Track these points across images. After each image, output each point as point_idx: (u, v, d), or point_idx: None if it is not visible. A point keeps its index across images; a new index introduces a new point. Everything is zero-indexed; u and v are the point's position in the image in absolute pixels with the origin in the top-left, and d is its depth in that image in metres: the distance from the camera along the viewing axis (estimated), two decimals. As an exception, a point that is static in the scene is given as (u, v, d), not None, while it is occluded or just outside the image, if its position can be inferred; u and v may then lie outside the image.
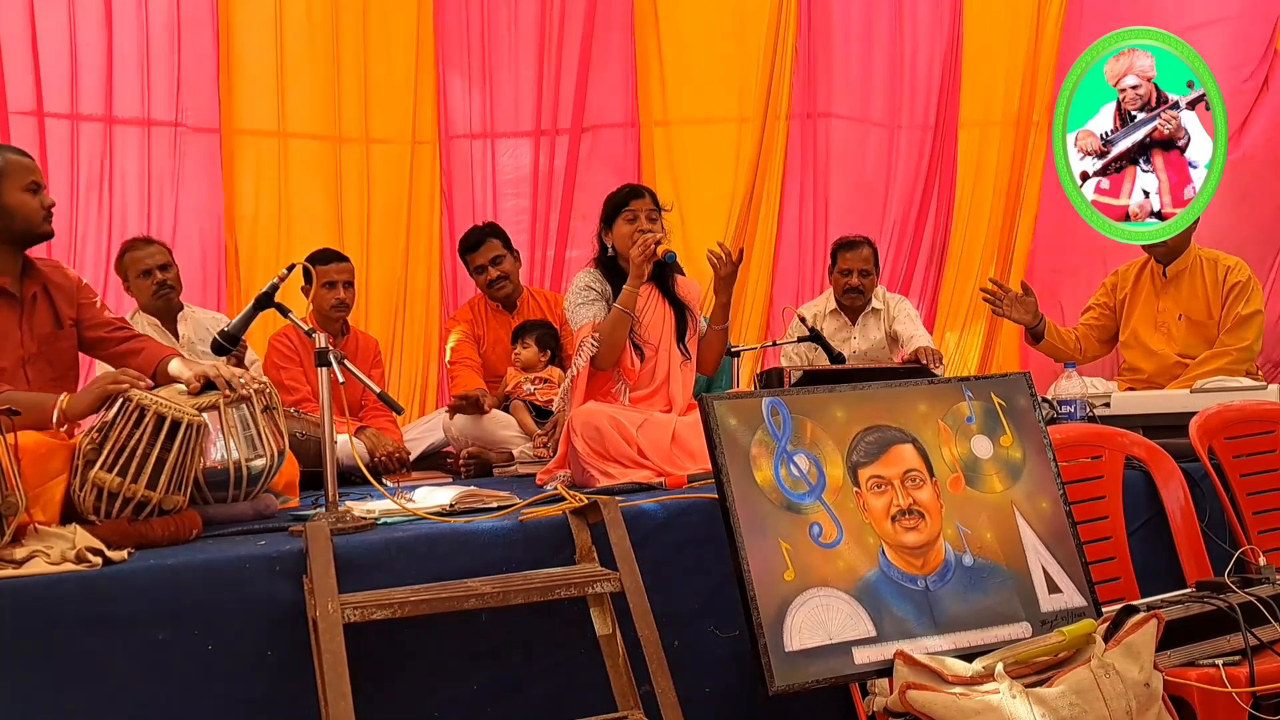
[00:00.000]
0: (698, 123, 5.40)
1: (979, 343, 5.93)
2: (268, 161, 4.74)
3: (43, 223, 2.82)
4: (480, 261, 4.40)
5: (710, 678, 2.49)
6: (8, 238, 2.79)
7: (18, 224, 2.78)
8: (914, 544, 2.04)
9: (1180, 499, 2.93)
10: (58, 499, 2.42)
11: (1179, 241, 4.23)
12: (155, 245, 4.10)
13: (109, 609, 2.04)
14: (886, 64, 5.70)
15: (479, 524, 2.45)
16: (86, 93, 4.40)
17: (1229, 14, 5.36)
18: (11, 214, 2.77)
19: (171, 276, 4.06)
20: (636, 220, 3.35)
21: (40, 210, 2.81)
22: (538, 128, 5.13)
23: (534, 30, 5.09)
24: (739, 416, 2.02)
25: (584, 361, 3.28)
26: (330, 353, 2.55)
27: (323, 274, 4.07)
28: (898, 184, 5.78)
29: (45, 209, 2.82)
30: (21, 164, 2.82)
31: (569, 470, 3.19)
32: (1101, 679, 1.88)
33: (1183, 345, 4.18)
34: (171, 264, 4.09)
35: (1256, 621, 2.27)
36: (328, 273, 4.10)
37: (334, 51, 4.79)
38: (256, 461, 2.65)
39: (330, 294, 4.11)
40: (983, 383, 2.26)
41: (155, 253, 4.05)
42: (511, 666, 2.36)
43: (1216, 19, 5.38)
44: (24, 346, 2.78)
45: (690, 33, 5.35)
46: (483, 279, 4.44)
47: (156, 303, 4.01)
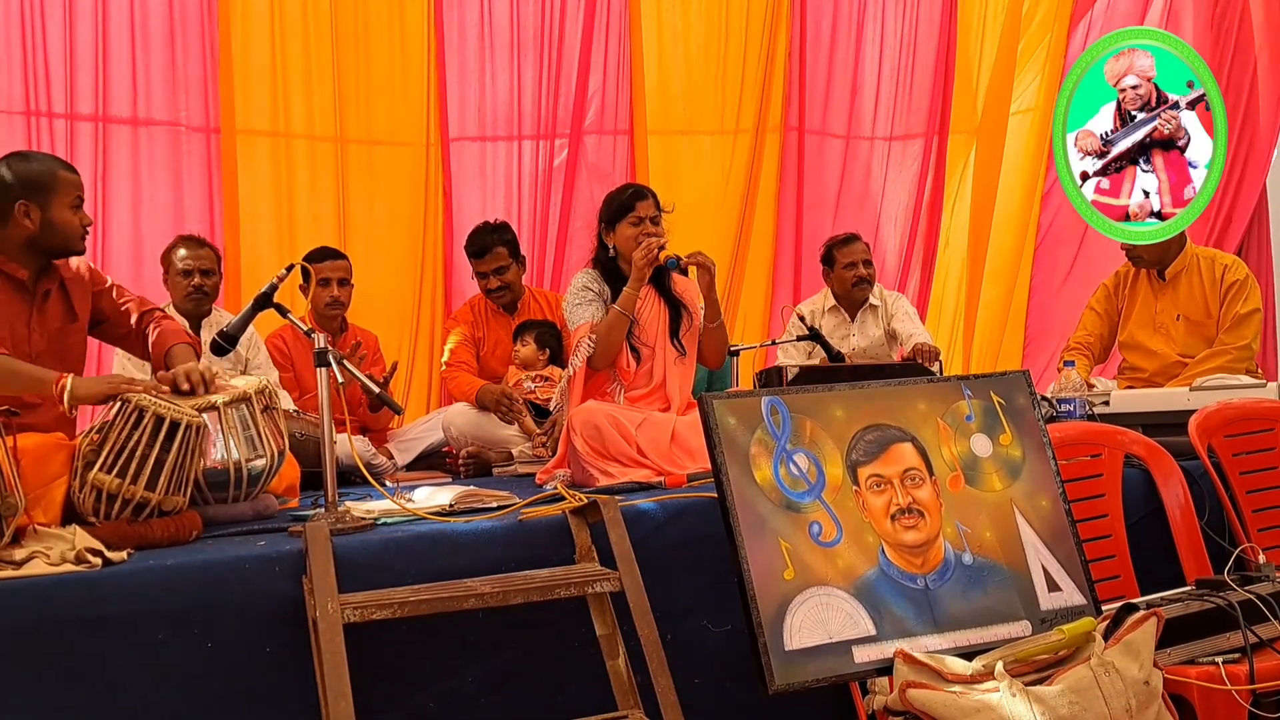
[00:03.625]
0: (692, 133, 5.44)
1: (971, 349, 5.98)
2: (268, 162, 4.73)
3: (80, 240, 2.83)
4: (484, 269, 4.40)
5: (710, 677, 2.49)
6: (42, 249, 2.80)
7: (57, 239, 2.80)
8: (913, 543, 2.04)
9: (1180, 497, 2.93)
10: (58, 501, 2.42)
11: (1168, 248, 4.23)
12: (207, 249, 4.06)
13: (109, 610, 2.04)
14: (878, 73, 5.74)
15: (479, 524, 2.45)
16: (81, 92, 4.39)
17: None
18: (55, 229, 2.78)
19: (211, 284, 4.01)
20: (641, 224, 3.35)
21: (80, 228, 2.83)
22: (538, 131, 5.14)
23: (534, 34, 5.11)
24: (738, 416, 2.02)
25: (580, 361, 3.29)
26: (329, 353, 2.55)
27: (317, 271, 4.09)
28: (895, 193, 5.82)
29: (84, 227, 2.84)
30: (70, 180, 2.83)
31: (568, 469, 3.19)
32: (1101, 677, 1.88)
33: (1182, 345, 4.18)
34: (215, 272, 4.06)
35: (1256, 619, 2.28)
36: (321, 270, 4.12)
37: (333, 53, 4.79)
38: (256, 462, 2.65)
39: (324, 292, 4.13)
40: (982, 381, 2.26)
41: (204, 256, 4.01)
42: (511, 667, 2.36)
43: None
44: (32, 342, 2.79)
45: (687, 43, 5.38)
46: (484, 284, 4.45)
47: (187, 304, 3.98)
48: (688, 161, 5.45)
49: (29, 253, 2.79)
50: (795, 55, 5.53)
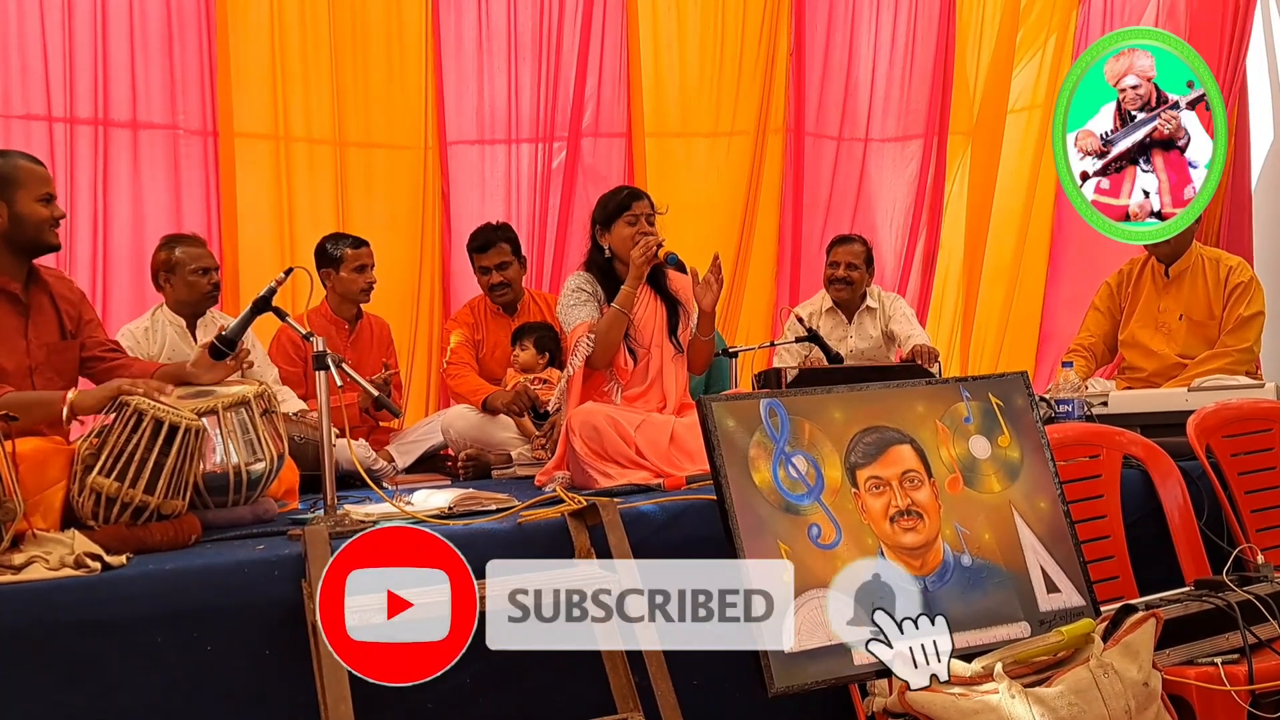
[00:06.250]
0: (688, 136, 5.44)
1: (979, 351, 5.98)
2: (267, 165, 4.73)
3: (50, 232, 2.81)
4: (486, 264, 4.41)
5: (710, 679, 2.49)
6: (15, 246, 2.79)
7: (27, 234, 2.78)
8: (912, 544, 2.04)
9: (1178, 498, 2.93)
10: (57, 505, 2.42)
11: (1181, 241, 4.23)
12: (206, 246, 4.03)
13: (108, 614, 2.04)
14: (878, 75, 5.75)
15: (478, 526, 2.45)
16: (81, 97, 4.39)
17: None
18: (23, 223, 2.76)
19: (218, 279, 4.00)
20: (637, 223, 3.36)
21: (50, 220, 2.81)
22: (536, 134, 5.14)
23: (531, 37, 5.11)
24: (737, 418, 2.02)
25: (580, 361, 3.29)
26: (328, 356, 2.55)
27: (355, 258, 4.20)
28: (894, 195, 5.82)
29: (55, 220, 2.82)
30: (36, 173, 2.81)
31: (567, 471, 3.19)
32: (1100, 678, 1.88)
33: (1183, 345, 4.17)
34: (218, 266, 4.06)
35: (1255, 620, 2.28)
36: (359, 256, 4.21)
37: (331, 57, 4.79)
38: (256, 465, 2.65)
39: (362, 277, 4.22)
40: (980, 383, 2.26)
41: (208, 253, 3.98)
42: (510, 668, 2.35)
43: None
44: (30, 355, 2.77)
45: (683, 46, 5.39)
46: (485, 280, 4.46)
47: (204, 303, 3.94)
48: (684, 164, 5.45)
49: (7, 256, 2.78)
50: (794, 57, 5.53)
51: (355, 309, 4.33)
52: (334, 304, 4.28)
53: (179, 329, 3.90)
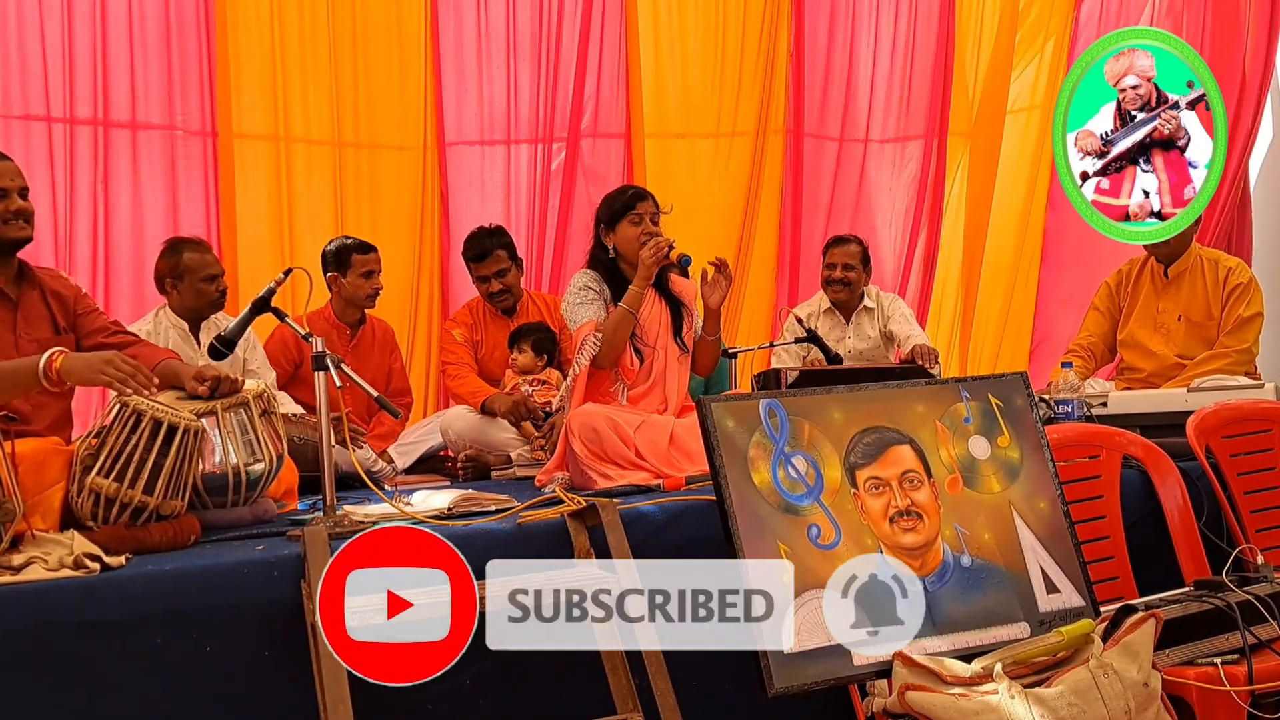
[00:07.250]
0: (688, 136, 5.44)
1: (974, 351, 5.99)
2: (265, 166, 4.73)
3: (8, 227, 2.74)
4: (484, 273, 4.40)
5: (709, 679, 2.49)
6: None
7: None
8: (912, 545, 2.04)
9: (1178, 498, 2.93)
10: (56, 506, 2.42)
11: (1181, 241, 4.23)
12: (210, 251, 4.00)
13: (107, 614, 2.04)
14: (878, 76, 5.76)
15: (477, 527, 2.45)
16: (80, 97, 4.39)
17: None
18: None
19: (225, 285, 3.98)
20: (642, 223, 3.35)
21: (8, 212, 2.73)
22: (535, 135, 5.14)
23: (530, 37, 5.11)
24: (736, 418, 2.02)
25: (586, 360, 3.28)
26: (327, 357, 2.55)
27: (363, 263, 4.19)
28: (894, 196, 5.83)
29: (10, 213, 2.74)
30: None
31: (567, 472, 3.19)
32: (1100, 679, 1.88)
33: (1182, 346, 4.17)
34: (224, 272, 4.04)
35: (1254, 620, 2.28)
36: (368, 262, 4.21)
37: (330, 57, 4.79)
38: (255, 466, 2.64)
39: (369, 283, 4.21)
40: (980, 383, 2.26)
41: (216, 260, 3.97)
42: (510, 668, 2.35)
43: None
44: (20, 350, 2.75)
45: (684, 46, 5.39)
46: (485, 289, 4.45)
47: (211, 310, 3.92)
48: (684, 165, 5.45)
49: None
50: (794, 58, 5.54)
51: (359, 314, 4.31)
52: (338, 308, 4.27)
53: (182, 331, 3.89)
